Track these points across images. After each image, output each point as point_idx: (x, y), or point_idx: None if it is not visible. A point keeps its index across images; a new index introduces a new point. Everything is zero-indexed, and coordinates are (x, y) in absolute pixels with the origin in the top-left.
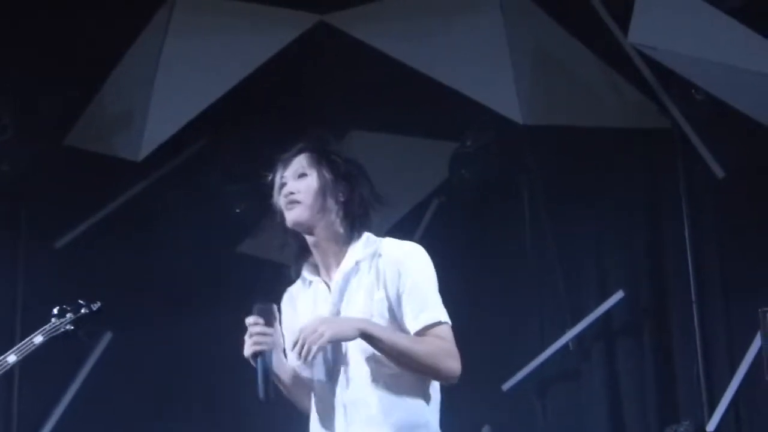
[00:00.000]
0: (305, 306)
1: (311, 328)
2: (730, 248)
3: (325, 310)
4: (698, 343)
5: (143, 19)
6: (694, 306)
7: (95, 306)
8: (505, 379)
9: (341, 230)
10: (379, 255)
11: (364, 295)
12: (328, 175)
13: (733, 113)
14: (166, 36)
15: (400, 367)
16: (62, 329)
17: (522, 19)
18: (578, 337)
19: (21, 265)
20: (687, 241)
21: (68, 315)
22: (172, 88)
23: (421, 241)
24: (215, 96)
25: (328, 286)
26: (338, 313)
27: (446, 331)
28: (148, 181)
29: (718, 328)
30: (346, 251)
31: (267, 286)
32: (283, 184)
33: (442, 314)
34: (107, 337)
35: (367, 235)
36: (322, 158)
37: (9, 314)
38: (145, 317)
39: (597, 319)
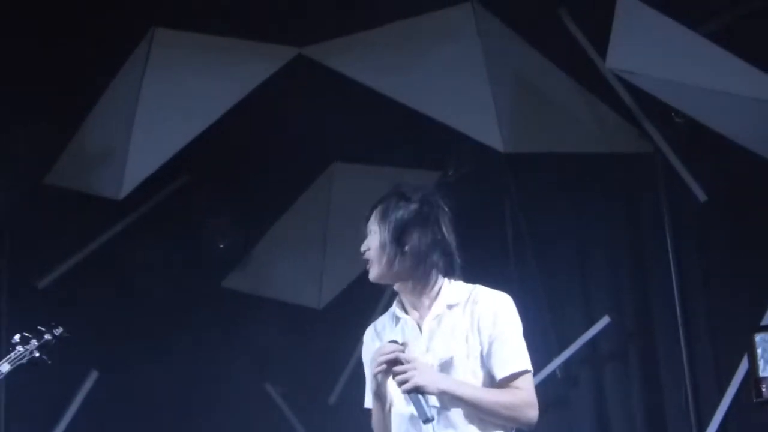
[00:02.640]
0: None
1: (408, 368)
2: (714, 270)
3: (415, 348)
4: (685, 366)
5: (122, 56)
6: (681, 329)
7: (58, 331)
8: None
9: (417, 276)
10: (475, 302)
11: (457, 337)
12: (389, 229)
13: (713, 136)
14: (145, 72)
15: (482, 417)
16: (27, 356)
17: (500, 47)
18: (565, 364)
19: (3, 306)
20: (671, 264)
21: (32, 342)
22: (153, 125)
23: None
24: (196, 132)
25: (419, 326)
26: (431, 351)
27: (528, 380)
28: (130, 219)
29: (705, 350)
30: (435, 294)
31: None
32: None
33: (527, 363)
34: (93, 377)
35: (460, 283)
36: (387, 210)
37: None
38: (130, 355)
39: (583, 346)
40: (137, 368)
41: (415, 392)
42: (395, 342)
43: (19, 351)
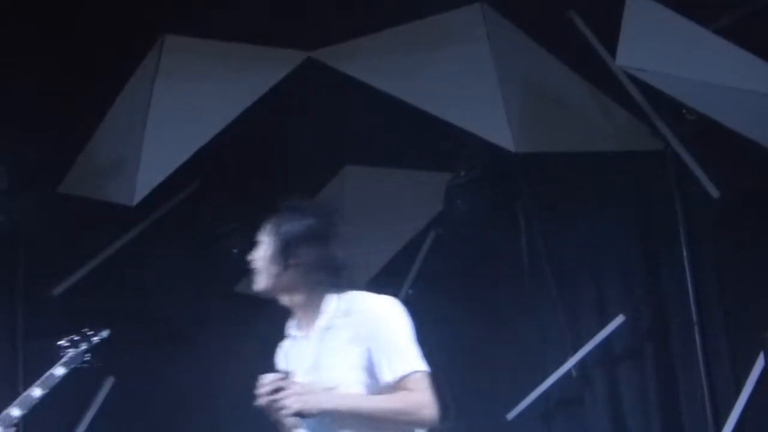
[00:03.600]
0: (295, 360)
1: (287, 394)
2: (728, 267)
3: (307, 364)
4: (701, 365)
5: (133, 63)
6: (696, 327)
7: (105, 333)
8: (509, 408)
9: (303, 291)
10: (357, 311)
11: (342, 350)
12: (279, 241)
13: (725, 132)
14: (156, 79)
15: (378, 425)
16: (80, 359)
17: (509, 48)
18: (580, 363)
19: (20, 314)
20: (685, 262)
21: (82, 345)
22: (164, 132)
23: (419, 273)
24: (207, 137)
25: (308, 342)
26: (318, 367)
27: (421, 380)
28: (143, 226)
29: (721, 349)
30: (321, 309)
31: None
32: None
33: (417, 363)
34: (109, 383)
35: (330, 295)
36: (280, 223)
37: (10, 362)
38: (146, 361)
39: (598, 345)
40: (152, 374)
41: (299, 417)
42: (281, 371)
43: (72, 354)
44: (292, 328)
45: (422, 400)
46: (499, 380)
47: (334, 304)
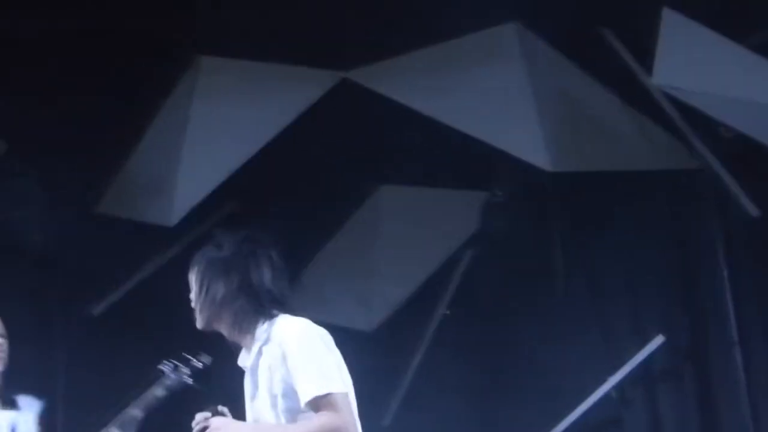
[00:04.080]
0: (245, 391)
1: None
2: None
3: (248, 395)
4: (742, 384)
5: (170, 85)
6: (736, 347)
7: (207, 359)
8: (548, 429)
9: (231, 322)
10: (270, 338)
11: (266, 378)
12: (199, 279)
13: (763, 149)
14: (193, 100)
15: None
16: (181, 384)
17: (543, 66)
18: (619, 385)
19: (58, 334)
20: (725, 281)
21: (184, 369)
22: (201, 152)
23: (455, 293)
24: (244, 158)
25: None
26: (255, 397)
27: (331, 402)
28: (180, 246)
29: (762, 368)
30: (251, 336)
31: None
32: None
33: (327, 386)
34: None
35: (261, 322)
36: (196, 262)
37: (48, 382)
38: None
39: (637, 366)
40: (191, 393)
41: None
42: (214, 409)
43: (174, 378)
44: (241, 359)
45: (334, 422)
46: (538, 401)
47: (260, 332)
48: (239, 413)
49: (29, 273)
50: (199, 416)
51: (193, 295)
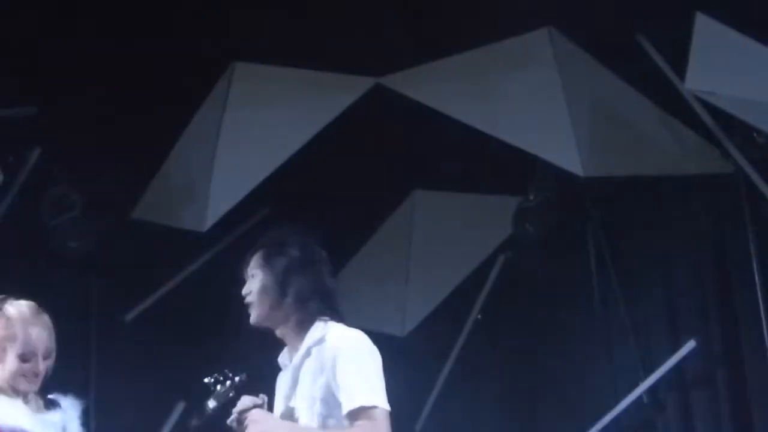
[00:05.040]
0: (280, 389)
1: (248, 419)
2: None
3: (284, 393)
4: None
5: (203, 91)
6: None
7: (245, 376)
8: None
9: (296, 320)
10: (323, 342)
11: (309, 380)
12: (271, 274)
13: None
14: (226, 106)
15: None
16: (229, 395)
17: (577, 70)
18: (652, 389)
19: (93, 339)
20: (758, 285)
21: (228, 383)
22: (234, 158)
23: (489, 298)
24: (276, 164)
25: (290, 371)
26: (293, 396)
27: (372, 416)
28: (213, 252)
29: None
30: (302, 338)
31: None
32: (244, 281)
33: (371, 399)
34: (180, 408)
35: (318, 323)
36: (269, 256)
37: (82, 388)
38: None
39: (670, 370)
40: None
41: None
42: (259, 397)
43: (220, 390)
44: (282, 357)
45: None
46: (570, 405)
47: (313, 333)
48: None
49: (65, 278)
50: (246, 399)
51: (252, 290)
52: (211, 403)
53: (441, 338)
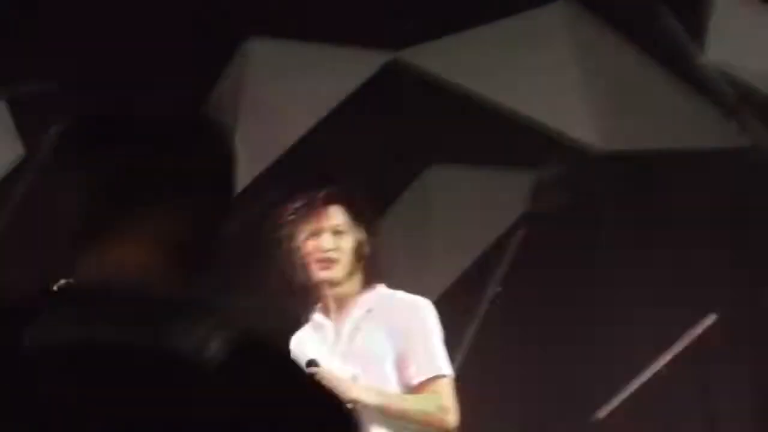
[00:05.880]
0: (314, 349)
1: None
2: None
3: (333, 353)
4: None
5: (220, 68)
6: None
7: None
8: (598, 407)
9: (361, 280)
10: (392, 307)
11: (372, 343)
12: (361, 234)
13: None
14: (243, 82)
15: (399, 423)
16: None
17: (594, 43)
18: (671, 362)
19: None
20: None
21: None
22: (252, 134)
23: (506, 272)
24: (293, 139)
25: (339, 332)
26: (345, 356)
27: (444, 385)
28: (232, 227)
29: None
30: (360, 299)
31: None
32: (314, 234)
33: (443, 368)
34: None
35: (383, 288)
36: (357, 215)
37: None
38: None
39: (690, 343)
40: None
41: None
42: (312, 362)
43: None
44: (317, 314)
45: (445, 404)
46: (589, 378)
47: (373, 297)
48: None
49: None
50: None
51: (340, 247)
52: None
53: (459, 312)
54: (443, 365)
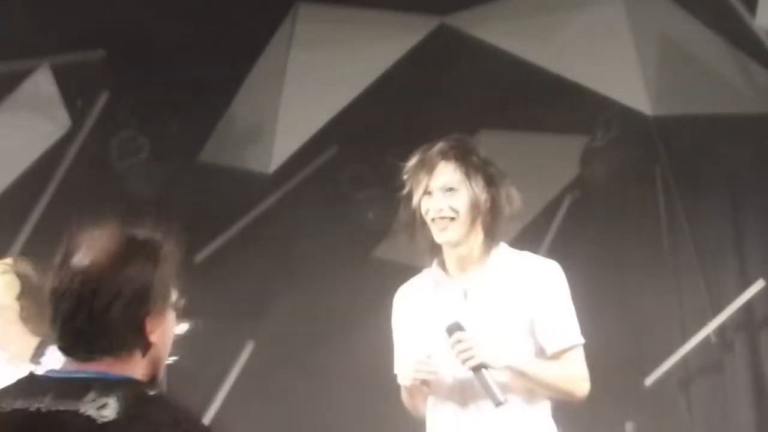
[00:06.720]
0: (431, 307)
1: (468, 344)
2: None
3: (458, 314)
4: None
5: (268, 32)
6: None
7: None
8: (647, 374)
9: (483, 239)
10: (524, 269)
11: (503, 306)
12: (478, 189)
13: None
14: (291, 47)
15: (536, 390)
16: None
17: (645, 8)
18: (720, 329)
19: None
20: None
21: None
22: (300, 99)
23: (556, 238)
24: (341, 105)
25: (464, 292)
26: (471, 317)
27: (580, 353)
28: (280, 193)
29: None
30: (484, 258)
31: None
32: (427, 193)
33: (578, 337)
34: (250, 347)
35: (507, 247)
36: (471, 169)
37: None
38: (285, 326)
39: (738, 310)
40: (292, 338)
41: (480, 369)
42: (456, 325)
43: None
44: (439, 271)
45: (582, 372)
46: (637, 346)
47: (502, 256)
48: None
49: (134, 221)
50: (460, 336)
51: (455, 206)
52: None
53: None
54: (577, 333)
